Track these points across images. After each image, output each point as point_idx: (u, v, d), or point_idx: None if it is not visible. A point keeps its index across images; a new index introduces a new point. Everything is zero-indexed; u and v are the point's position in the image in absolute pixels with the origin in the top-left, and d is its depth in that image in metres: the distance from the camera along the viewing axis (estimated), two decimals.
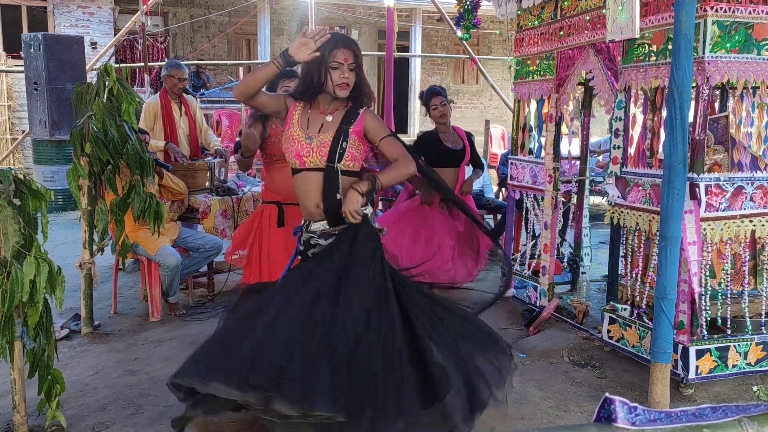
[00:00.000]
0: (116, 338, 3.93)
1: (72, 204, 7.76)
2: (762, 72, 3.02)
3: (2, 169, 2.49)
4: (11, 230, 2.42)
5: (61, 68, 7.28)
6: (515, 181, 4.54)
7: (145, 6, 7.19)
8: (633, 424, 0.81)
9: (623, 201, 3.39)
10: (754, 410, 0.83)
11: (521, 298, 4.47)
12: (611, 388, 3.28)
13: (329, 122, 2.60)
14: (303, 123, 2.62)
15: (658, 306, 2.84)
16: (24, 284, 2.44)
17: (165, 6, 12.51)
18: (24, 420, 2.64)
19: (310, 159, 2.57)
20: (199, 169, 4.90)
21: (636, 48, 3.28)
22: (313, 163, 2.57)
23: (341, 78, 2.52)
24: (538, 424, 2.95)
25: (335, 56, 2.52)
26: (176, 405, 3.05)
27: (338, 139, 2.55)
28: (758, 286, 3.46)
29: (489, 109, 15.88)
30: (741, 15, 2.95)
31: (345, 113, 2.62)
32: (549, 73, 4.11)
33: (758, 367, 3.24)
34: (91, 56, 9.75)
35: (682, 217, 2.80)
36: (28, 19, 11.04)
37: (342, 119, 2.60)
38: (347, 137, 2.56)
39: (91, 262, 3.91)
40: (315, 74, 2.56)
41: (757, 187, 3.12)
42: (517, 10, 4.43)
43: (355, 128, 2.58)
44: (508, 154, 5.57)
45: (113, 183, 3.72)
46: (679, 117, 2.71)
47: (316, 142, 2.56)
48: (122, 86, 3.69)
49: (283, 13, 13.70)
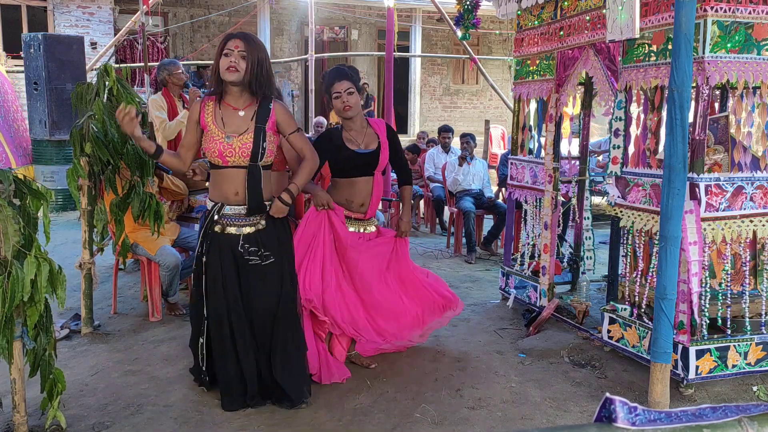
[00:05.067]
0: (116, 338, 3.93)
1: (72, 204, 7.76)
2: (762, 72, 3.02)
3: (2, 169, 2.49)
4: (11, 230, 2.42)
5: (61, 68, 7.30)
6: (515, 181, 4.54)
7: (145, 6, 7.19)
8: (633, 424, 0.81)
9: (623, 201, 3.39)
10: (754, 410, 0.83)
11: (521, 298, 4.47)
12: (611, 388, 3.29)
13: (242, 117, 2.82)
14: (218, 121, 2.82)
15: (658, 306, 2.84)
16: (24, 284, 2.44)
17: (165, 6, 12.51)
18: (24, 420, 2.64)
19: (232, 159, 2.81)
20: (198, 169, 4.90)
21: (636, 48, 3.28)
22: (236, 162, 2.82)
23: (228, 62, 2.73)
24: (538, 424, 2.95)
25: (225, 45, 2.75)
26: (176, 405, 3.06)
27: (258, 140, 2.79)
28: (758, 286, 3.46)
29: (489, 109, 15.89)
30: (741, 15, 2.95)
31: (257, 109, 2.82)
32: (549, 73, 4.11)
33: (758, 367, 3.24)
34: (91, 56, 9.76)
35: (682, 217, 2.81)
36: (28, 19, 11.04)
37: (256, 117, 2.81)
38: (265, 136, 2.81)
39: (91, 262, 3.91)
40: (215, 66, 2.81)
41: (757, 187, 3.13)
42: (517, 10, 4.43)
43: (269, 125, 2.83)
44: (508, 154, 5.57)
45: (113, 183, 3.72)
46: (679, 117, 2.71)
47: (237, 142, 2.79)
48: (122, 86, 3.69)
49: (283, 13, 13.71)
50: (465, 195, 6.70)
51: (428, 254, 6.40)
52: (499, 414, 3.03)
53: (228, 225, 2.88)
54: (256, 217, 2.89)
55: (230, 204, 2.87)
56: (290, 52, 13.92)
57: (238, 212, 2.87)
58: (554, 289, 4.24)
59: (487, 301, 4.79)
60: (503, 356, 3.73)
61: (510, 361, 3.65)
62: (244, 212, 2.87)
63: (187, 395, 3.16)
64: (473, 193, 6.75)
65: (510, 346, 3.89)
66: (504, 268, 4.69)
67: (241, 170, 2.83)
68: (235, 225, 2.88)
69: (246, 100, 2.84)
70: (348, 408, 3.05)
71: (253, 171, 2.81)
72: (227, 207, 2.88)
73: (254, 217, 2.88)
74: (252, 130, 2.80)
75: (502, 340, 3.98)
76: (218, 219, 2.89)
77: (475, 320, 4.36)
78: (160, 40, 12.42)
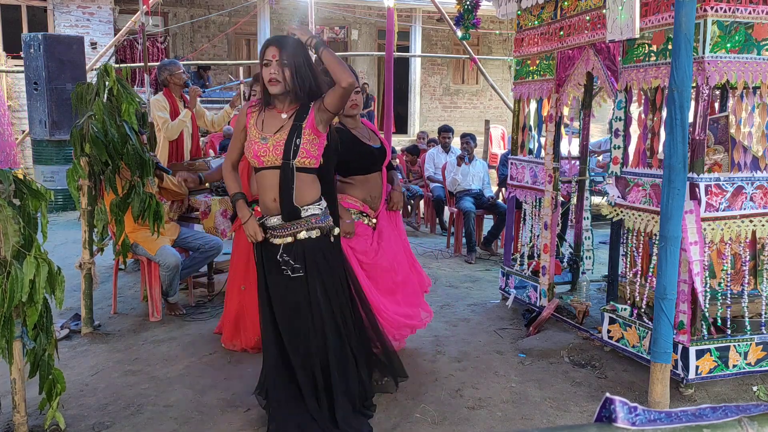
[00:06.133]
0: (116, 338, 3.93)
1: (72, 204, 7.75)
2: (762, 72, 3.02)
3: (2, 170, 2.49)
4: (11, 230, 2.42)
5: (61, 68, 7.29)
6: (515, 181, 4.54)
7: (145, 6, 7.18)
8: (633, 424, 0.81)
9: (623, 201, 3.39)
10: (754, 410, 0.83)
11: (521, 298, 4.47)
12: (611, 388, 3.29)
13: (284, 120, 2.72)
14: (258, 125, 2.74)
15: (658, 306, 2.84)
16: (23, 284, 2.44)
17: (165, 6, 12.51)
18: (24, 420, 2.64)
19: (266, 158, 2.69)
20: (198, 169, 4.90)
21: (636, 48, 3.28)
22: (270, 162, 2.69)
23: (268, 74, 2.66)
24: (538, 424, 2.95)
25: (264, 55, 2.69)
26: (176, 405, 3.06)
27: (292, 137, 2.67)
28: (758, 286, 3.46)
29: (489, 109, 15.89)
30: (741, 15, 2.95)
31: (298, 110, 2.73)
32: (549, 73, 4.11)
33: (758, 367, 3.24)
34: (91, 56, 9.76)
35: (682, 217, 2.81)
36: (28, 19, 11.04)
37: (295, 116, 2.71)
38: (301, 133, 2.67)
39: (91, 262, 3.91)
40: (259, 74, 2.76)
41: (757, 187, 3.12)
42: (517, 10, 4.43)
43: (307, 122, 2.69)
44: (508, 154, 5.57)
45: (113, 183, 3.72)
46: (679, 117, 2.71)
47: (272, 141, 2.69)
48: (122, 86, 3.69)
49: (283, 13, 13.70)
50: (465, 195, 6.70)
51: (428, 254, 6.39)
52: (499, 414, 3.03)
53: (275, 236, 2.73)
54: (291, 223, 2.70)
55: (272, 215, 2.73)
56: None
57: (278, 223, 2.72)
58: (554, 289, 4.24)
59: (487, 301, 4.79)
60: (503, 356, 3.73)
61: (510, 361, 3.65)
62: (279, 222, 2.71)
63: (187, 395, 3.16)
64: (473, 193, 6.75)
65: (510, 346, 3.89)
66: (504, 268, 4.69)
67: (276, 171, 2.68)
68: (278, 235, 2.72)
69: (292, 104, 2.74)
70: None
71: (286, 170, 2.66)
72: (271, 219, 2.73)
73: (289, 222, 2.70)
74: (288, 128, 2.68)
75: (502, 340, 3.98)
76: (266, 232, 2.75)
77: (475, 320, 4.36)
78: (160, 40, 12.42)
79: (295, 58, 2.65)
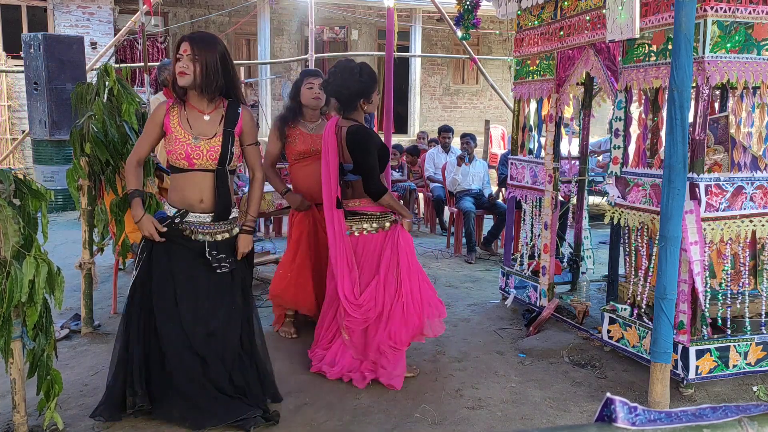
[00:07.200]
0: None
1: (72, 204, 7.75)
2: (762, 72, 3.02)
3: (2, 169, 2.49)
4: (11, 230, 2.42)
5: (61, 68, 7.29)
6: (515, 181, 4.54)
7: (146, 6, 7.18)
8: (633, 424, 0.81)
9: (623, 201, 3.39)
10: (754, 410, 0.83)
11: (521, 298, 4.47)
12: (611, 388, 3.29)
13: (208, 122, 2.80)
14: (184, 123, 2.79)
15: (658, 306, 2.84)
16: (23, 284, 2.43)
17: (165, 6, 12.51)
18: (24, 420, 2.64)
19: (199, 162, 2.77)
20: None
21: (636, 48, 3.28)
22: (203, 165, 2.78)
23: (179, 67, 2.73)
24: (538, 424, 2.95)
25: (177, 50, 2.76)
26: None
27: (227, 144, 2.78)
28: (758, 286, 3.46)
29: (489, 109, 15.88)
30: (741, 15, 2.95)
31: (225, 113, 2.82)
32: (549, 73, 4.11)
33: (758, 367, 3.24)
34: (91, 56, 9.76)
35: (682, 217, 2.80)
36: (28, 19, 11.04)
37: (225, 121, 2.81)
38: (233, 140, 2.81)
39: (91, 262, 3.91)
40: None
41: (757, 187, 3.12)
42: (517, 10, 4.43)
43: (237, 129, 2.83)
44: (507, 154, 5.57)
45: (113, 183, 3.72)
46: (679, 117, 2.71)
47: (205, 145, 2.76)
48: (122, 86, 3.69)
49: (283, 13, 13.70)
50: (465, 195, 6.70)
51: (428, 254, 6.40)
52: (499, 414, 3.03)
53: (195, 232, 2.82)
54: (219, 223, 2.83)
55: (194, 211, 2.81)
56: (290, 52, 13.91)
57: (202, 220, 2.82)
58: (554, 289, 4.24)
59: (487, 301, 4.79)
60: (503, 356, 3.73)
61: (510, 361, 3.65)
62: (209, 220, 2.82)
63: None
64: (473, 193, 6.75)
65: (510, 346, 3.89)
66: (504, 268, 4.69)
67: (208, 174, 2.79)
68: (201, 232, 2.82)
69: (208, 103, 2.81)
70: (348, 408, 3.05)
71: (221, 175, 2.79)
72: (191, 214, 2.81)
73: (217, 223, 2.82)
74: (221, 134, 2.78)
75: (502, 340, 3.98)
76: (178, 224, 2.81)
77: (475, 320, 4.36)
78: (160, 40, 12.42)
79: (207, 55, 2.72)
